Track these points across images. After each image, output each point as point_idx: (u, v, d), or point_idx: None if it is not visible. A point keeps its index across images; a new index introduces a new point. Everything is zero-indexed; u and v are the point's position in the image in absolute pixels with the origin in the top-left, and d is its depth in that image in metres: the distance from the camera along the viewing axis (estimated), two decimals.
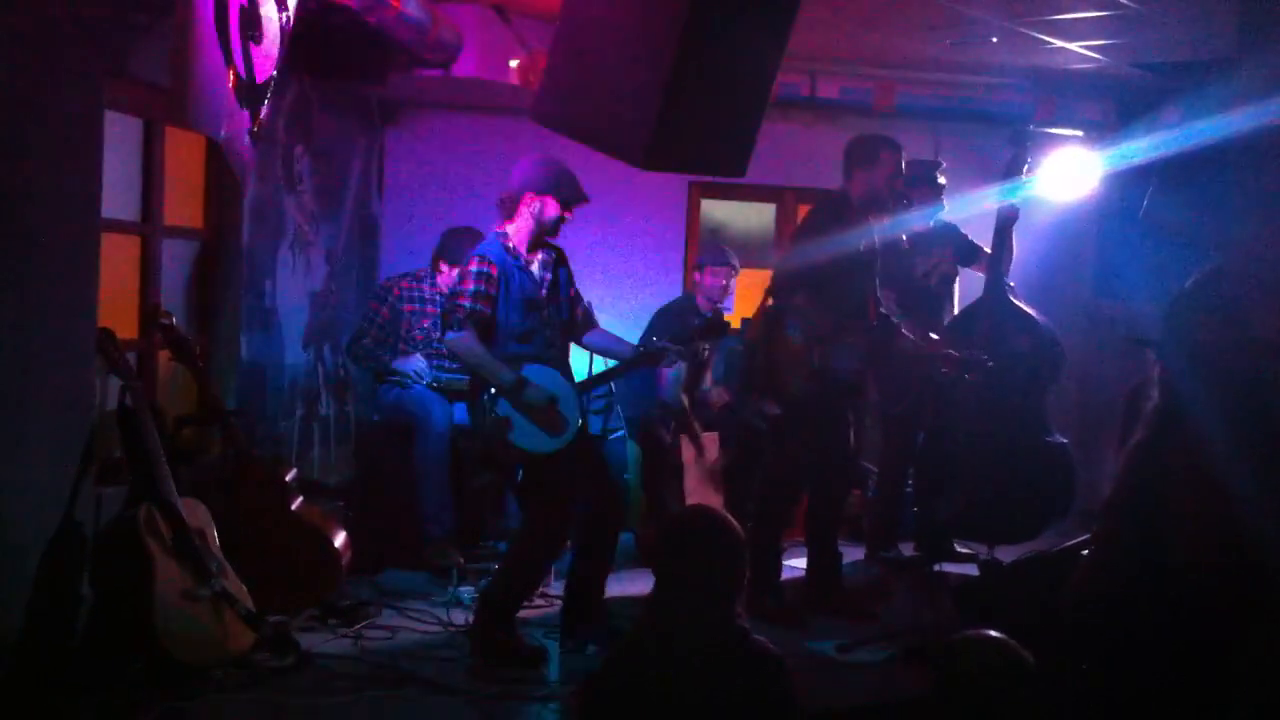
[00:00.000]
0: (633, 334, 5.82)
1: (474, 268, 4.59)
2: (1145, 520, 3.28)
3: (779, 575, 5.42)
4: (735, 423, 6.43)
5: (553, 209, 4.67)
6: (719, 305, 6.38)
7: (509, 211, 4.71)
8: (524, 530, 4.80)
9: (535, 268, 4.73)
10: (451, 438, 5.74)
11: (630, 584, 5.40)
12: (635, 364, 5.06)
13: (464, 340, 4.55)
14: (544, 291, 4.72)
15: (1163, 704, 3.23)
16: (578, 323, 4.91)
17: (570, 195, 4.69)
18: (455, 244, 6.02)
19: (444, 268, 6.06)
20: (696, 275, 6.50)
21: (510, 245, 4.67)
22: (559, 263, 4.82)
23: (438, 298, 6.04)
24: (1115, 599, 3.33)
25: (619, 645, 3.23)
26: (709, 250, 6.63)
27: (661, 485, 6.19)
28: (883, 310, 5.53)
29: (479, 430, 4.69)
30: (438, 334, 5.91)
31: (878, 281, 5.49)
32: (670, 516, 3.62)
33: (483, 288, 4.56)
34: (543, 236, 4.74)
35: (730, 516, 3.16)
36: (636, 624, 3.10)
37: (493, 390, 4.57)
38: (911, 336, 5.57)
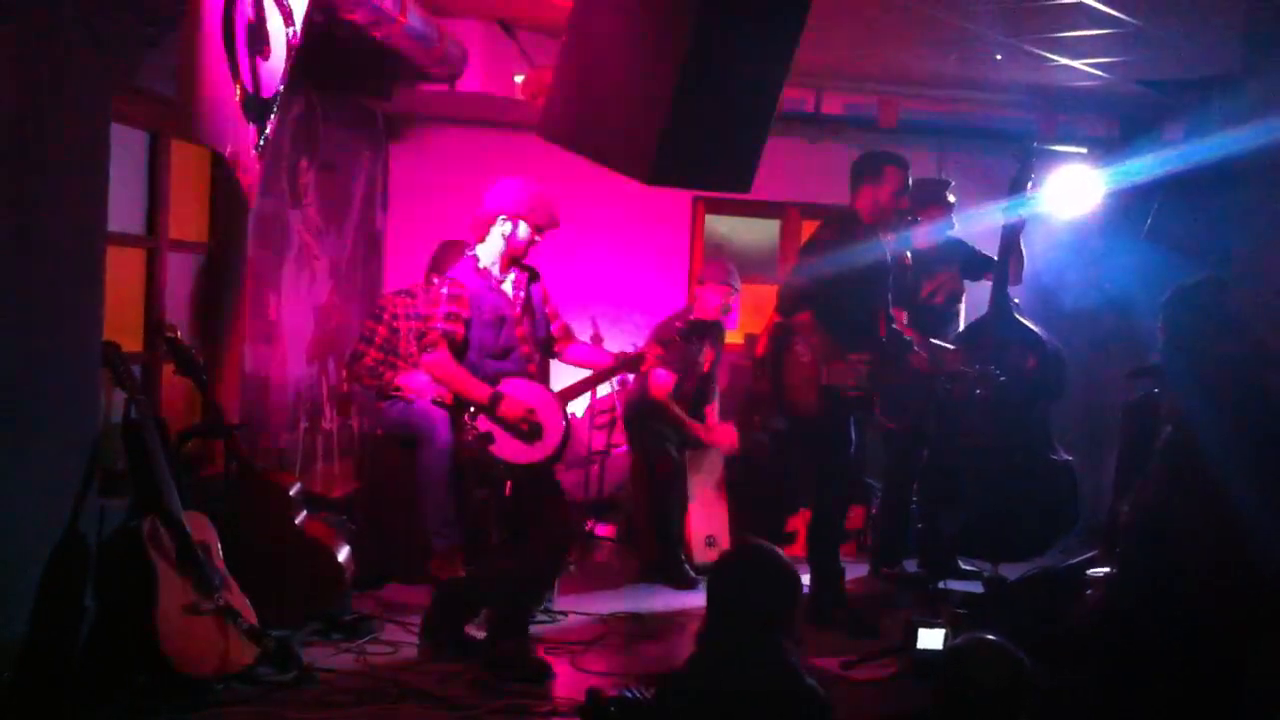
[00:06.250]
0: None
1: (445, 290, 4.67)
2: (1161, 543, 3.29)
3: None
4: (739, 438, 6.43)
5: (524, 232, 4.73)
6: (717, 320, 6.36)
7: (480, 233, 4.75)
8: (530, 543, 4.79)
9: (508, 286, 4.78)
10: (455, 452, 5.73)
11: (633, 601, 5.38)
12: (613, 371, 5.10)
13: (439, 359, 4.62)
14: (518, 310, 4.77)
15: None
16: (555, 338, 4.95)
17: (542, 219, 4.75)
18: (447, 257, 6.02)
19: (436, 280, 6.05)
20: (697, 288, 6.50)
21: (481, 267, 4.73)
22: (531, 280, 4.86)
23: None
24: (1131, 619, 3.33)
25: (670, 677, 3.22)
26: (712, 267, 6.63)
27: (665, 500, 6.17)
28: (894, 326, 5.52)
29: (463, 447, 4.76)
30: None
31: (889, 299, 5.47)
32: (727, 550, 3.62)
33: (454, 310, 4.64)
34: (513, 258, 4.78)
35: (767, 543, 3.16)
36: (689, 659, 3.10)
37: (473, 408, 4.63)
38: (924, 354, 5.55)
